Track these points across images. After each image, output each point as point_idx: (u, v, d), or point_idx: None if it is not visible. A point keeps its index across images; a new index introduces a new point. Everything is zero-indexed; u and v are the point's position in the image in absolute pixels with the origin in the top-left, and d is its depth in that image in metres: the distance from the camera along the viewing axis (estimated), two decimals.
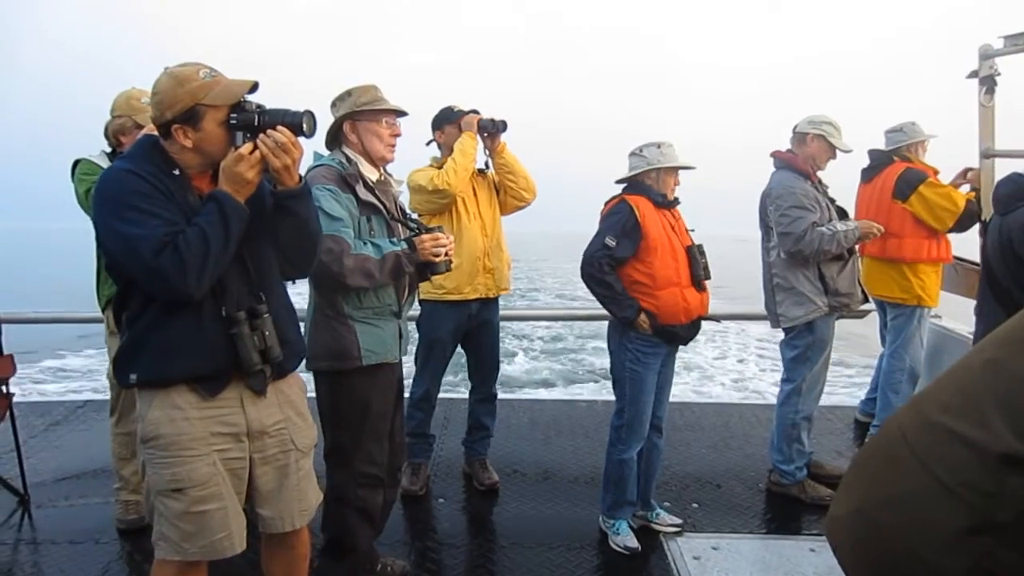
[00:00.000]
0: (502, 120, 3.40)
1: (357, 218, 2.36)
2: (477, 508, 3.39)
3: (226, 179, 1.76)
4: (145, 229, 1.70)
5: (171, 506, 1.81)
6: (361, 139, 2.44)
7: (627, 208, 2.83)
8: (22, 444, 3.47)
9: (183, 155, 1.82)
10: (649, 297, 2.83)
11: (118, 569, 2.84)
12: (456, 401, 4.48)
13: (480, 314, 3.42)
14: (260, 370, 1.84)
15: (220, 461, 1.83)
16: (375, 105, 2.43)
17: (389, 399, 2.49)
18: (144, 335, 1.79)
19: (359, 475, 2.42)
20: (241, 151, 1.74)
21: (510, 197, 3.50)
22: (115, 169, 1.81)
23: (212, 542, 1.83)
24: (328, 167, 2.39)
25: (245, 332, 1.79)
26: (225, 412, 1.84)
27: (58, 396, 5.90)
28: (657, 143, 2.92)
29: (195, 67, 1.78)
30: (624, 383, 2.94)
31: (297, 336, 2.04)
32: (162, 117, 1.77)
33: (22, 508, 3.36)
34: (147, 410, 1.81)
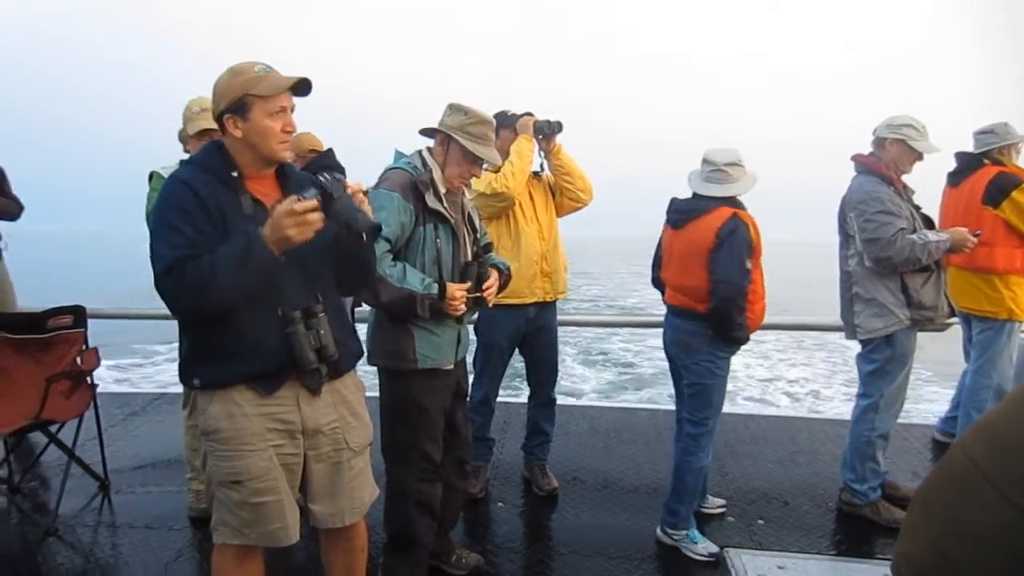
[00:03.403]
0: (557, 121, 3.38)
1: (411, 227, 2.37)
2: (536, 513, 3.37)
3: (271, 223, 1.74)
4: (166, 246, 1.77)
5: (230, 496, 1.90)
6: (447, 157, 2.45)
7: (744, 226, 2.77)
8: (103, 432, 3.65)
9: (237, 150, 1.88)
10: (748, 311, 2.80)
11: (190, 555, 2.95)
12: (515, 405, 4.48)
13: (538, 318, 3.40)
14: (315, 368, 1.88)
15: (276, 456, 1.89)
16: (478, 144, 2.41)
17: (445, 400, 2.51)
18: (204, 339, 1.87)
19: (416, 469, 2.45)
20: (296, 206, 1.71)
21: (566, 198, 3.47)
22: (172, 178, 1.89)
23: (268, 531, 1.92)
24: (401, 172, 2.40)
25: (300, 331, 1.84)
26: (281, 410, 1.89)
27: (136, 388, 6.15)
28: (739, 161, 2.86)
29: (252, 63, 1.85)
30: (712, 391, 2.90)
31: (353, 337, 2.07)
32: (217, 108, 1.86)
33: (102, 493, 3.53)
34: (208, 405, 1.89)
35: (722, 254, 2.74)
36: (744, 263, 2.75)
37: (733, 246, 2.74)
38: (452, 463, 2.61)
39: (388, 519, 2.51)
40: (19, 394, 3.44)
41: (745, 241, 2.76)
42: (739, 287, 2.75)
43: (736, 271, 2.74)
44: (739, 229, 2.75)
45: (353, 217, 1.76)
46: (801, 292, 16.86)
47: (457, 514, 2.80)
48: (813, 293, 15.23)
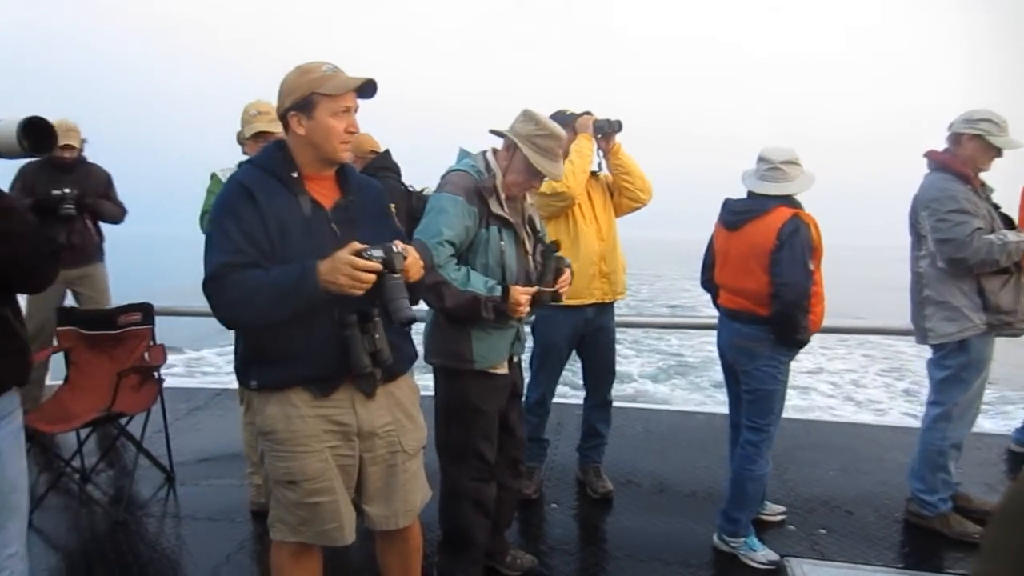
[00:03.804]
0: (617, 120, 3.34)
1: (475, 230, 2.37)
2: (590, 516, 3.34)
3: (332, 263, 1.73)
4: (215, 251, 1.80)
5: (287, 495, 1.92)
6: (511, 164, 2.43)
7: (806, 226, 2.70)
8: (168, 426, 3.77)
9: (299, 149, 1.89)
10: (810, 313, 2.73)
11: (250, 547, 3.02)
12: (569, 406, 4.45)
13: (596, 319, 3.36)
14: (370, 372, 1.88)
15: (331, 457, 1.90)
16: (543, 157, 2.39)
17: (501, 401, 2.51)
18: (261, 342, 1.88)
19: (471, 469, 2.45)
20: (360, 261, 1.72)
21: (625, 198, 3.43)
22: (231, 180, 1.92)
23: (324, 530, 1.93)
24: (465, 175, 2.40)
25: (356, 335, 1.83)
26: (337, 412, 1.91)
27: (199, 384, 6.35)
28: (796, 159, 2.79)
29: (320, 62, 1.86)
30: (773, 397, 2.84)
31: (408, 341, 2.07)
32: (282, 106, 1.87)
33: (168, 485, 3.65)
34: (265, 406, 1.91)
35: (784, 255, 2.68)
36: (807, 264, 2.68)
37: (795, 247, 2.67)
38: (507, 463, 2.60)
39: (443, 518, 2.52)
40: (92, 387, 3.59)
41: (807, 242, 2.69)
42: (803, 289, 2.68)
43: (799, 273, 2.67)
44: (801, 229, 2.68)
45: (395, 301, 1.77)
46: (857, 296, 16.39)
47: (511, 514, 2.80)
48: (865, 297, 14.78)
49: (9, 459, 1.90)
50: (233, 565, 2.87)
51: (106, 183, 4.55)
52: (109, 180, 4.58)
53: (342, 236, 1.86)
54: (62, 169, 4.25)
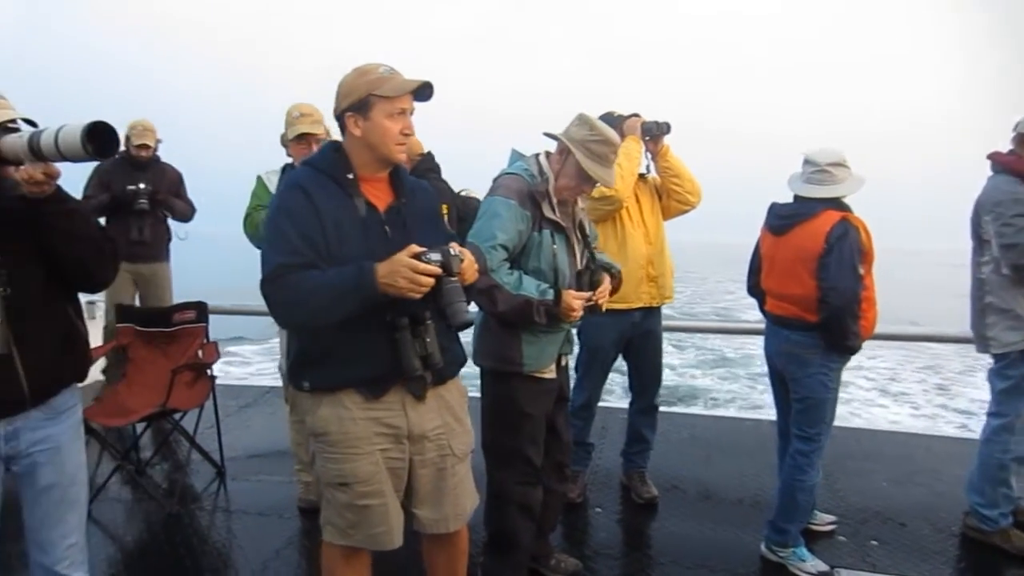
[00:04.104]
0: (665, 122, 3.31)
1: (527, 234, 2.36)
2: (635, 521, 3.31)
3: (390, 265, 1.74)
4: (273, 252, 1.82)
5: (337, 497, 1.93)
6: (563, 168, 2.42)
7: (855, 229, 2.64)
8: (219, 422, 3.86)
9: (355, 150, 1.91)
10: (861, 318, 2.67)
11: (299, 543, 3.07)
12: (614, 410, 4.43)
13: (643, 324, 3.33)
14: (421, 376, 1.88)
15: (382, 460, 1.91)
16: (596, 163, 2.37)
17: (548, 404, 2.50)
18: (313, 344, 1.90)
19: (517, 472, 2.45)
20: (420, 265, 1.73)
21: (674, 201, 3.39)
22: (288, 181, 1.94)
23: (373, 534, 1.94)
24: (518, 178, 2.40)
25: (407, 338, 1.84)
26: (388, 414, 1.91)
27: (248, 381, 6.50)
28: (844, 161, 2.73)
29: (378, 64, 1.88)
30: (824, 406, 2.78)
31: (457, 344, 2.07)
32: (339, 107, 1.89)
33: (219, 479, 3.75)
34: (317, 407, 1.92)
35: (833, 260, 2.62)
36: (857, 268, 2.62)
37: (844, 251, 2.61)
38: (552, 467, 2.59)
39: (488, 520, 2.52)
40: (148, 383, 3.69)
41: (856, 245, 2.63)
42: (853, 294, 2.62)
43: (849, 277, 2.61)
44: (850, 233, 2.63)
45: (453, 305, 1.77)
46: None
47: (556, 517, 2.79)
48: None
49: (69, 453, 1.97)
50: (282, 560, 2.93)
51: (178, 182, 4.73)
52: (180, 179, 4.75)
53: (394, 238, 1.87)
54: (137, 167, 4.44)
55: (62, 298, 1.92)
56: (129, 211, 4.38)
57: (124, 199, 4.35)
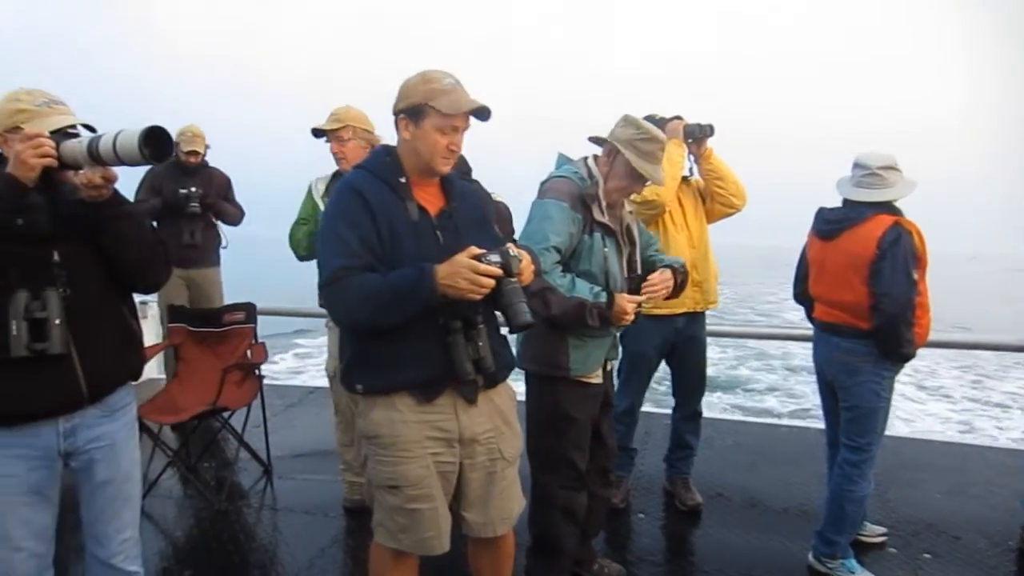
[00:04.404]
0: (709, 124, 3.27)
1: (578, 236, 2.35)
2: (678, 528, 3.28)
3: (450, 267, 1.75)
4: (331, 255, 1.83)
5: (388, 500, 1.95)
6: (612, 170, 2.42)
7: (908, 234, 2.59)
8: (266, 421, 3.93)
9: (405, 154, 1.92)
10: (915, 326, 2.62)
11: (344, 542, 3.12)
12: (657, 416, 4.39)
13: (687, 329, 3.30)
14: (473, 379, 1.89)
15: (433, 464, 1.91)
16: (645, 161, 2.36)
17: (593, 410, 2.49)
18: (367, 347, 1.91)
19: (562, 477, 2.45)
20: (481, 266, 1.73)
21: (718, 204, 3.35)
22: (343, 184, 1.96)
23: (422, 539, 1.94)
24: (568, 181, 2.40)
25: (460, 342, 1.84)
26: (440, 418, 1.91)
27: (293, 381, 6.61)
28: (895, 164, 2.67)
29: (444, 74, 1.88)
30: (876, 415, 2.72)
31: (507, 348, 2.08)
32: (396, 107, 1.91)
33: (266, 478, 3.82)
34: (370, 410, 1.94)
35: (885, 265, 2.56)
36: (911, 274, 2.56)
37: (897, 256, 2.55)
38: (596, 472, 2.58)
39: (532, 524, 2.52)
40: (199, 382, 3.79)
41: (910, 250, 2.57)
42: (907, 300, 2.56)
43: (902, 283, 2.55)
44: (903, 238, 2.56)
45: (514, 306, 1.77)
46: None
47: (600, 523, 2.77)
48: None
49: (124, 450, 2.03)
50: (328, 559, 2.97)
51: (226, 186, 4.82)
52: (229, 183, 4.85)
53: (446, 243, 1.89)
54: (187, 172, 4.55)
55: (118, 299, 1.98)
56: (180, 215, 4.49)
57: (175, 203, 4.46)
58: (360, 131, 3.01)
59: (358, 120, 3.01)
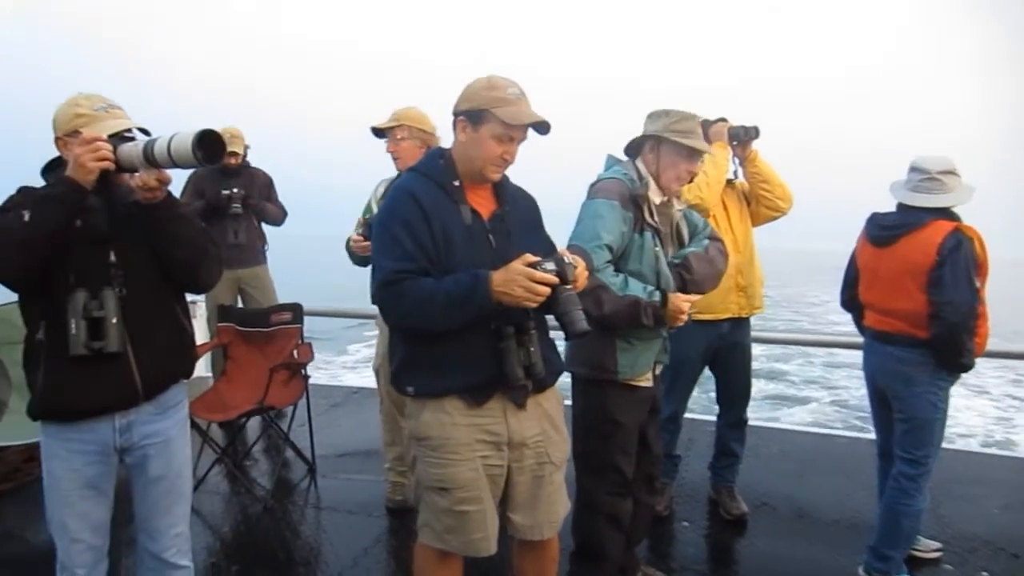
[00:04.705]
0: (754, 127, 3.21)
1: (629, 235, 2.33)
2: (723, 537, 3.22)
3: (506, 274, 1.75)
4: (386, 258, 1.84)
5: (436, 501, 1.94)
6: (658, 162, 2.40)
7: (969, 240, 2.51)
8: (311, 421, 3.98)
9: (460, 156, 1.92)
10: (975, 334, 2.54)
11: (387, 542, 3.14)
12: (701, 423, 4.33)
13: (731, 335, 3.24)
14: (523, 384, 1.89)
15: (482, 467, 1.91)
16: (686, 138, 2.34)
17: (641, 415, 2.46)
18: (420, 351, 1.92)
19: (608, 483, 2.42)
20: (537, 274, 1.73)
21: (763, 207, 3.28)
22: (397, 188, 1.97)
23: (469, 540, 1.94)
24: (618, 182, 2.38)
25: (512, 347, 1.84)
26: (489, 421, 1.92)
27: (337, 381, 6.69)
28: (954, 169, 2.59)
29: (510, 83, 1.88)
30: (932, 427, 2.64)
31: (556, 353, 2.07)
32: (457, 107, 1.91)
33: (310, 476, 3.87)
34: (420, 412, 1.94)
35: (946, 272, 2.47)
36: (973, 281, 2.47)
37: (958, 264, 2.46)
38: (642, 479, 2.55)
39: (576, 529, 2.50)
40: (247, 381, 3.86)
41: (971, 257, 2.48)
42: (970, 308, 2.48)
43: (965, 291, 2.46)
44: (964, 244, 2.48)
45: (570, 314, 1.76)
46: None
47: (645, 530, 2.73)
48: None
49: (177, 446, 2.08)
50: (371, 558, 2.99)
51: (268, 186, 4.88)
52: (270, 183, 4.90)
53: (498, 247, 1.89)
54: (228, 173, 4.62)
55: (172, 299, 2.03)
56: (224, 215, 4.55)
57: (218, 204, 4.52)
58: (415, 131, 2.99)
59: (414, 120, 3.00)
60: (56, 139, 1.88)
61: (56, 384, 1.84)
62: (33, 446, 3.41)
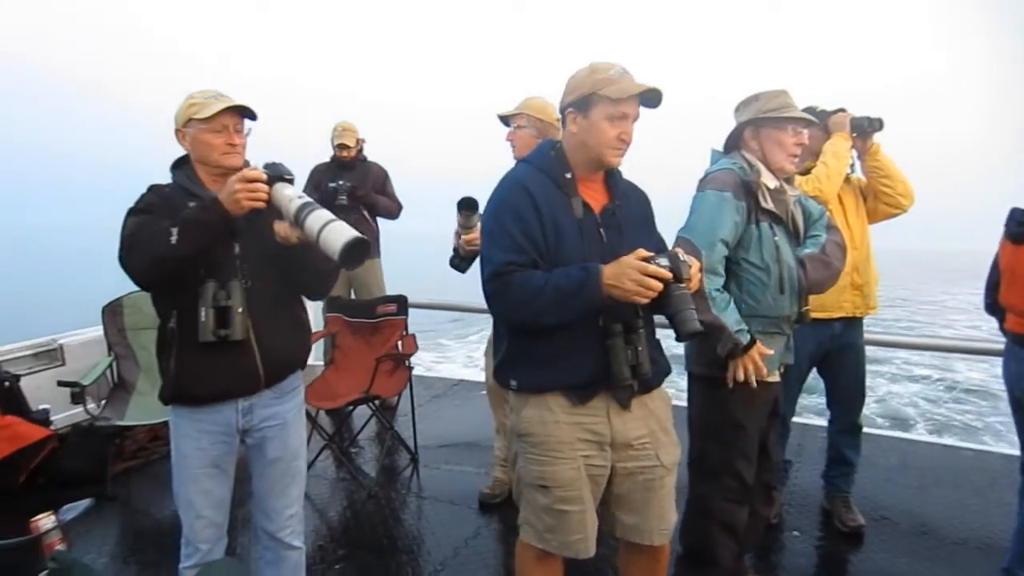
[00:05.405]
0: (878, 118, 3.01)
1: (743, 226, 2.24)
2: (837, 550, 3.04)
3: (618, 267, 1.70)
4: (496, 249, 1.81)
5: (537, 499, 1.91)
6: (762, 146, 2.31)
7: None
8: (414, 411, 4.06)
9: (571, 149, 1.88)
10: None
11: (487, 535, 3.16)
12: (811, 427, 4.13)
13: (843, 335, 3.07)
14: (629, 384, 1.83)
15: (584, 467, 1.87)
16: (782, 112, 2.27)
17: (762, 418, 2.35)
18: (525, 345, 1.89)
19: (724, 488, 2.32)
20: (650, 267, 1.67)
21: (882, 204, 3.08)
22: (507, 179, 1.94)
23: (569, 541, 1.90)
24: (729, 171, 2.30)
25: (619, 344, 1.79)
26: (592, 420, 1.87)
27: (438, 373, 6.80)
28: None
29: (611, 64, 1.83)
30: None
31: (663, 355, 2.00)
32: (563, 102, 1.88)
33: (412, 466, 3.95)
34: (522, 407, 1.92)
35: None
36: None
37: None
38: (759, 487, 2.43)
39: (686, 533, 2.42)
40: (353, 370, 3.99)
41: None
42: None
43: None
44: None
45: (683, 312, 1.69)
46: None
47: (757, 540, 2.62)
48: None
49: (294, 430, 2.17)
50: (472, 550, 3.02)
51: (383, 179, 4.94)
52: (386, 176, 4.96)
53: (609, 241, 1.85)
54: (343, 166, 4.77)
55: (291, 291, 2.12)
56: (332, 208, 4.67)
57: (327, 197, 4.63)
58: (533, 119, 2.94)
59: (534, 108, 2.96)
60: (176, 131, 2.00)
61: (186, 370, 1.95)
62: (157, 426, 3.67)
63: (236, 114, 1.97)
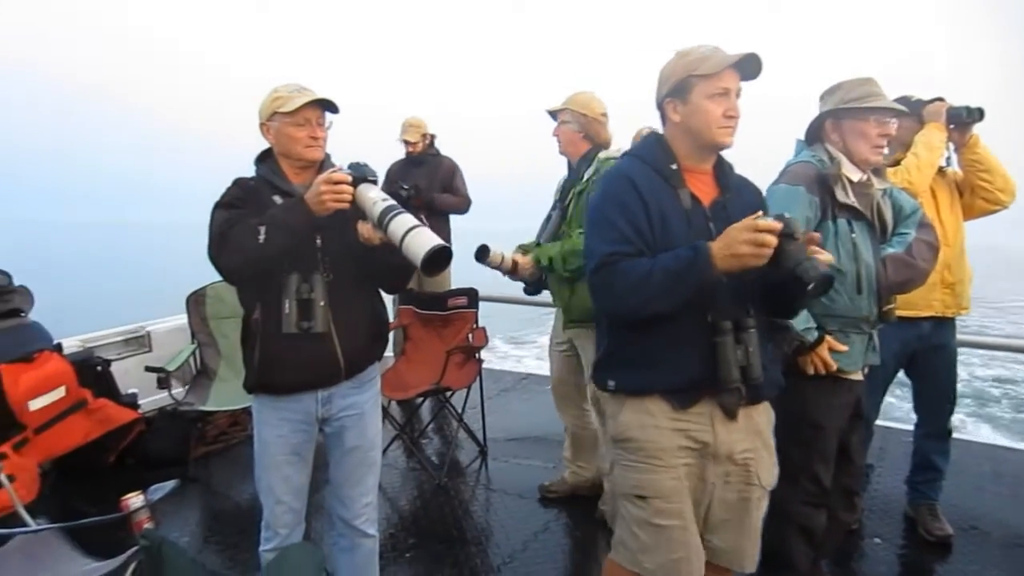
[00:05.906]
0: (978, 108, 2.84)
1: (816, 221, 2.16)
2: (922, 560, 2.91)
3: (727, 237, 1.59)
4: (600, 241, 1.72)
5: (632, 512, 1.78)
6: (844, 138, 2.22)
7: None
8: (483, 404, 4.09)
9: (675, 139, 1.80)
10: None
11: (555, 529, 3.15)
12: (894, 431, 3.96)
13: (933, 335, 2.92)
14: (736, 388, 1.69)
15: (685, 478, 1.74)
16: (864, 102, 2.16)
17: (842, 419, 2.26)
18: (625, 343, 1.79)
19: (802, 492, 2.24)
20: (762, 223, 1.55)
21: (980, 199, 2.93)
22: (613, 171, 1.87)
23: (669, 560, 1.73)
24: (806, 164, 2.22)
25: (728, 343, 1.66)
26: (695, 427, 1.74)
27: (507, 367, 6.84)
28: None
29: (700, 45, 1.76)
30: None
31: (776, 366, 1.88)
32: (659, 95, 1.81)
33: (481, 458, 3.98)
34: (619, 411, 1.80)
35: None
36: None
37: None
38: (839, 492, 2.33)
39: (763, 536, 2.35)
40: (424, 362, 4.04)
41: None
42: None
43: None
44: None
45: (803, 264, 1.55)
46: None
47: (836, 546, 2.52)
48: None
49: (371, 420, 2.21)
50: (540, 544, 3.02)
51: (451, 174, 4.90)
52: (454, 172, 4.91)
53: (718, 234, 1.69)
54: (414, 163, 4.81)
55: (370, 285, 2.16)
56: None
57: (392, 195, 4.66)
58: (577, 115, 2.91)
59: (577, 103, 2.93)
60: (260, 125, 2.05)
61: (269, 361, 2.01)
62: (238, 412, 3.80)
63: (318, 107, 2.01)
